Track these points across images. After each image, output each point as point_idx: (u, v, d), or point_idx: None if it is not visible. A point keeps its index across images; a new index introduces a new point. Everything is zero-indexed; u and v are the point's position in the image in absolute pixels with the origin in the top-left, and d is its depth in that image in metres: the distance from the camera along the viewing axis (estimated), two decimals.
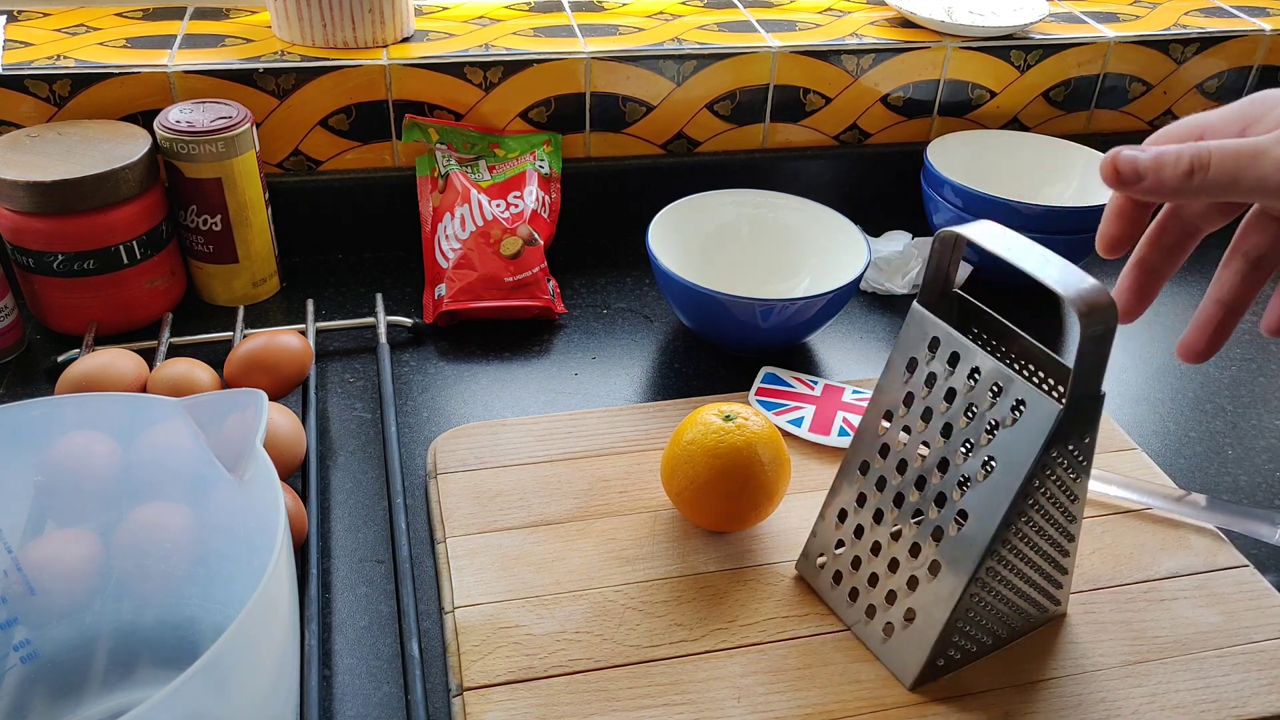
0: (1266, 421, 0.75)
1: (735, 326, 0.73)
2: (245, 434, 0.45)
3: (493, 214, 0.80)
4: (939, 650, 0.52)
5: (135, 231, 0.74)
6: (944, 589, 0.51)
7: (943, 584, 0.51)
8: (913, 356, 0.52)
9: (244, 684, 0.39)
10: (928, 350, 0.51)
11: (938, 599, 0.51)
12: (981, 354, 0.49)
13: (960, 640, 0.53)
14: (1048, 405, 0.46)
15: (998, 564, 0.51)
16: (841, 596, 0.56)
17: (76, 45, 0.82)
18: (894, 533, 0.53)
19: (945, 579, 0.51)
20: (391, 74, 0.83)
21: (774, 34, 0.91)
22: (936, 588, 0.51)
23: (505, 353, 0.78)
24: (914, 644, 0.52)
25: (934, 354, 0.51)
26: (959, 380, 0.50)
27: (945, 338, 0.50)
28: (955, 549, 0.50)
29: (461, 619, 0.55)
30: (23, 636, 0.49)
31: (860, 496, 0.55)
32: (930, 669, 0.53)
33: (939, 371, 0.51)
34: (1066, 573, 0.55)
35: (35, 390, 0.72)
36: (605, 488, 0.64)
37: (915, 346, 0.52)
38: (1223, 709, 0.52)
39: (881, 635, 0.54)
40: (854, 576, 0.56)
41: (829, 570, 0.57)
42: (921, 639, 0.52)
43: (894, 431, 0.53)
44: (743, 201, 0.83)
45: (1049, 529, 0.52)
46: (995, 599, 0.52)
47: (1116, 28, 0.97)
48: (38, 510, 0.49)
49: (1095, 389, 0.47)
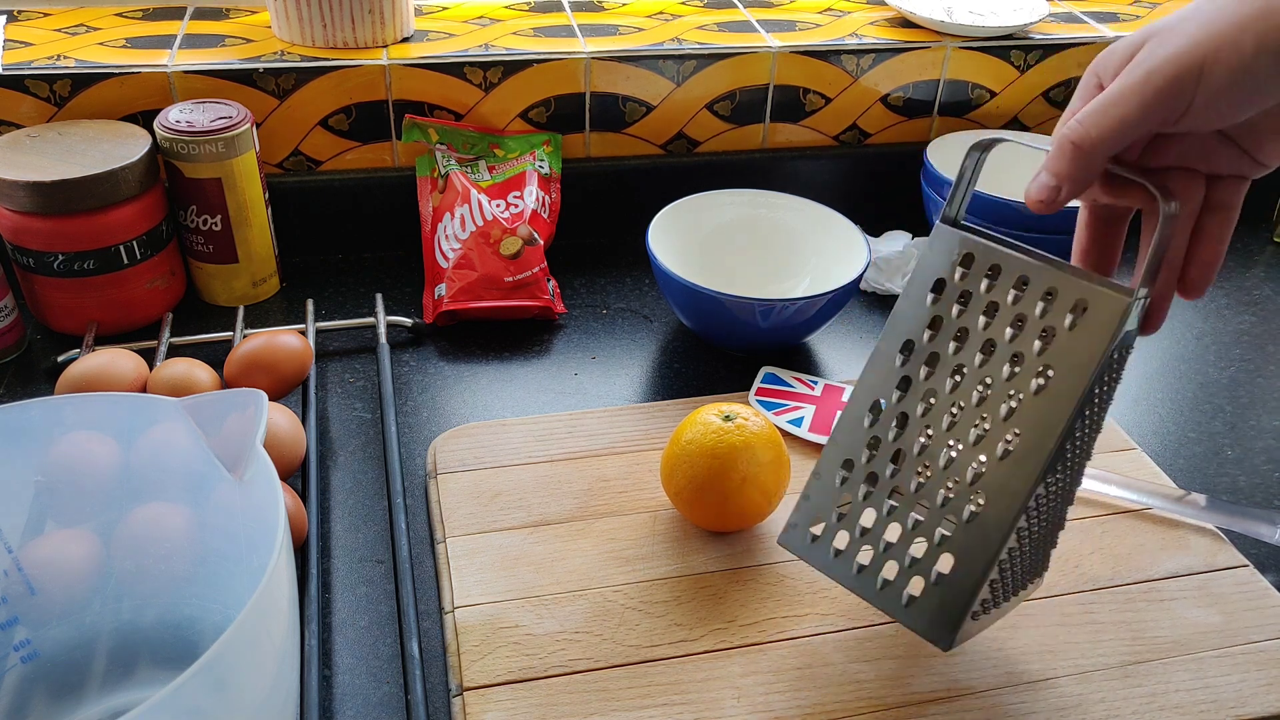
0: (1266, 422, 0.75)
1: (735, 326, 0.73)
2: (245, 434, 0.45)
3: (493, 214, 0.80)
4: (973, 601, 0.47)
5: (135, 231, 0.74)
6: (987, 528, 0.47)
7: (985, 523, 0.47)
8: (939, 278, 0.49)
9: (244, 684, 0.39)
10: (960, 267, 0.48)
11: (978, 542, 0.47)
12: (1027, 260, 0.46)
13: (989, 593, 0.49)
14: (1115, 298, 0.44)
15: (1046, 495, 0.47)
16: (847, 563, 0.51)
17: (76, 45, 0.82)
18: (919, 473, 0.49)
19: (991, 513, 0.47)
20: (391, 74, 0.83)
21: (774, 34, 0.91)
22: (975, 530, 0.47)
23: (505, 353, 0.78)
24: (951, 600, 0.48)
25: (968, 269, 0.48)
26: (1002, 293, 0.47)
27: (981, 251, 0.48)
28: (1001, 479, 0.46)
29: (461, 619, 0.55)
30: (23, 636, 0.49)
31: (873, 440, 0.50)
32: (966, 625, 0.48)
33: (975, 288, 0.48)
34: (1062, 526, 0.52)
35: (35, 390, 0.72)
36: (605, 488, 0.64)
37: (942, 266, 0.49)
38: (1222, 709, 0.53)
39: (908, 596, 0.49)
40: (866, 536, 0.50)
41: (829, 536, 0.51)
42: (958, 593, 0.47)
43: (914, 363, 0.49)
44: (743, 201, 0.83)
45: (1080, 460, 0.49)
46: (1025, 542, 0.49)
47: (1116, 28, 0.97)
48: (38, 510, 0.49)
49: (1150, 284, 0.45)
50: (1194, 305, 0.87)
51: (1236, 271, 0.92)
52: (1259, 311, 0.87)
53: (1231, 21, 0.41)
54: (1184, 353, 0.82)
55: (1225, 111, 0.42)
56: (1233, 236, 0.48)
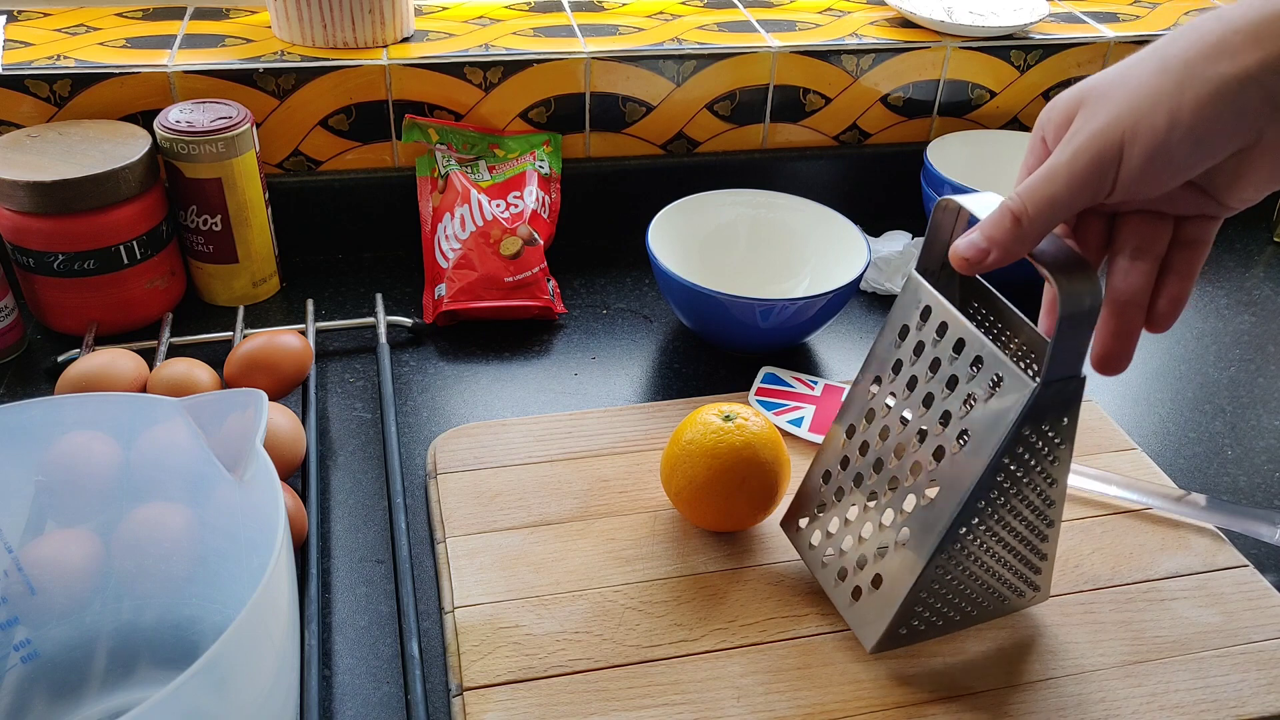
0: (1266, 422, 0.75)
1: (735, 326, 0.73)
2: (245, 434, 0.45)
3: (493, 214, 0.80)
4: (902, 618, 0.52)
5: (135, 231, 0.74)
6: (910, 557, 0.51)
7: (909, 552, 0.51)
8: (905, 324, 0.52)
9: (244, 684, 0.39)
10: (919, 318, 0.51)
11: (904, 567, 0.52)
12: (967, 326, 0.49)
13: (924, 612, 0.53)
14: (1022, 383, 0.46)
15: (967, 539, 0.51)
16: (818, 558, 0.57)
17: (76, 45, 0.82)
18: (870, 496, 0.54)
19: (912, 547, 0.51)
20: (391, 74, 0.83)
21: (774, 34, 0.91)
22: (904, 555, 0.52)
23: (505, 353, 0.78)
24: (878, 609, 0.53)
25: (925, 322, 0.51)
26: (944, 351, 0.50)
27: (936, 307, 0.51)
28: (924, 518, 0.51)
29: (461, 619, 0.55)
30: (23, 636, 0.49)
31: (844, 460, 0.55)
32: (892, 636, 0.53)
33: (927, 340, 0.51)
34: (1046, 559, 0.55)
35: (35, 390, 0.72)
36: (605, 488, 0.64)
37: (908, 314, 0.52)
38: (1222, 709, 0.53)
39: (849, 599, 0.55)
40: (831, 539, 0.56)
41: (809, 531, 0.58)
42: (885, 605, 0.52)
43: (881, 397, 0.53)
44: (743, 201, 0.83)
45: (1024, 510, 0.52)
46: (964, 575, 0.53)
47: (1116, 28, 0.97)
48: (38, 510, 0.49)
49: (1073, 370, 0.46)
50: (1194, 305, 0.87)
51: (1236, 271, 0.92)
52: (1259, 311, 0.87)
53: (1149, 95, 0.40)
54: (1184, 353, 0.82)
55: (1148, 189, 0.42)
56: (1232, 237, 0.48)
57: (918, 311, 0.51)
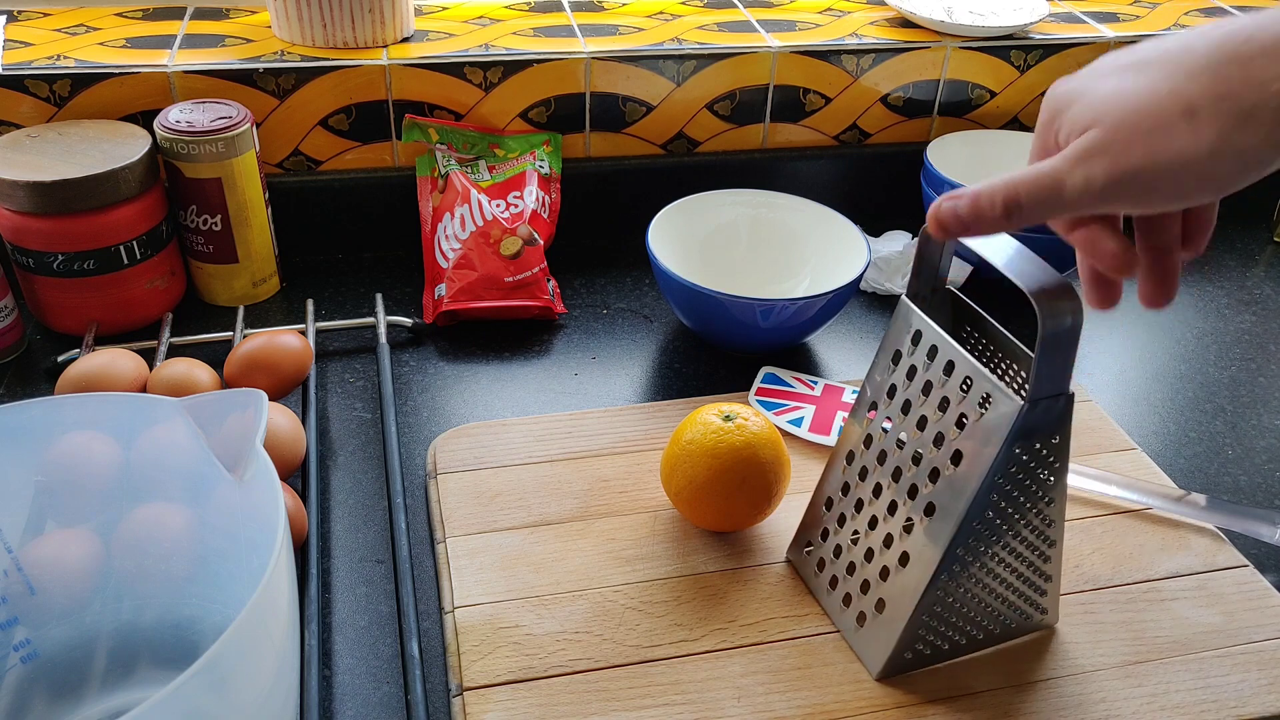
0: (1266, 421, 0.75)
1: (735, 326, 0.73)
2: (245, 434, 0.45)
3: (493, 214, 0.80)
4: (905, 643, 0.52)
5: (135, 231, 0.74)
6: (911, 580, 0.51)
7: (910, 576, 0.51)
8: (898, 349, 0.53)
9: (244, 684, 0.39)
10: (910, 343, 0.52)
11: (905, 590, 0.52)
12: (955, 348, 0.49)
13: (929, 635, 0.53)
14: (1010, 402, 0.47)
15: (967, 560, 0.51)
16: (823, 584, 0.57)
17: (76, 45, 0.82)
18: (871, 521, 0.54)
19: (913, 571, 0.51)
20: (391, 74, 0.83)
21: (774, 34, 0.91)
22: (905, 579, 0.52)
23: (505, 353, 0.78)
24: (882, 635, 0.53)
25: (916, 346, 0.52)
26: (936, 374, 0.50)
27: (926, 331, 0.51)
28: (923, 542, 0.51)
29: (461, 619, 0.55)
30: (23, 636, 0.49)
31: (845, 485, 0.56)
32: (897, 661, 0.53)
33: (919, 364, 0.51)
34: (1050, 580, 0.55)
35: (35, 390, 0.72)
36: (605, 488, 0.64)
37: (900, 339, 0.52)
38: (1222, 709, 0.53)
39: (854, 625, 0.55)
40: (835, 564, 0.56)
41: (814, 557, 0.58)
42: (889, 629, 0.52)
43: (877, 422, 0.54)
44: (743, 201, 0.83)
45: (1023, 530, 0.52)
46: (967, 597, 0.53)
47: (1116, 28, 0.97)
48: (38, 510, 0.49)
49: (1060, 387, 0.47)
50: (1194, 305, 0.87)
51: (1236, 271, 0.92)
52: (1259, 311, 0.87)
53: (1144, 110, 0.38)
54: (1184, 353, 0.82)
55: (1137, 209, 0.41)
56: (1233, 237, 0.48)
57: (909, 336, 0.52)
